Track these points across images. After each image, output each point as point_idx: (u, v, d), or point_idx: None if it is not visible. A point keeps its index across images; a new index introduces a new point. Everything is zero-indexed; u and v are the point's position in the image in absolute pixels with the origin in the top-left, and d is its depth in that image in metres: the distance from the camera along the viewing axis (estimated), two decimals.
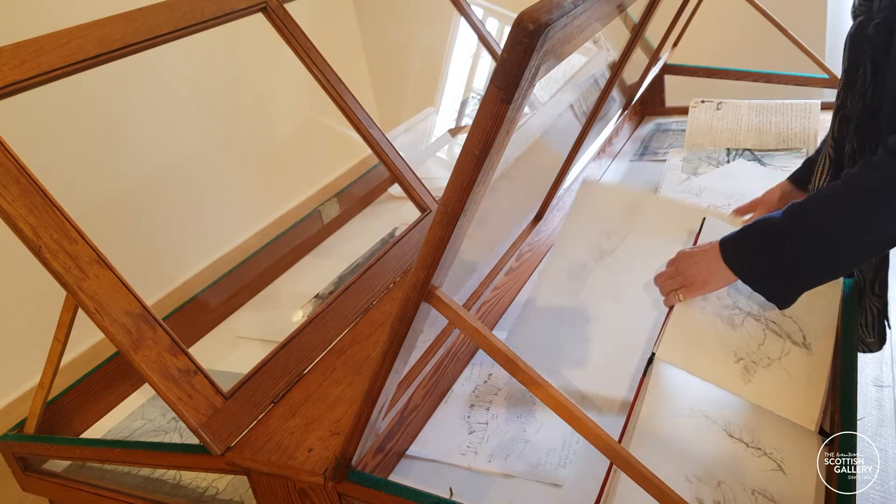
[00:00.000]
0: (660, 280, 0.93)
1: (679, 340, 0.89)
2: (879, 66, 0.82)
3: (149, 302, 0.85)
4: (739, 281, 0.86)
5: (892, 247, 0.82)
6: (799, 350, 0.89)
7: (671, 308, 0.91)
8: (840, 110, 0.90)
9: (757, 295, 0.85)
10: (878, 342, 0.96)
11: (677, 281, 0.90)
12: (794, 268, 0.81)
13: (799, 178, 1.13)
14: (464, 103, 2.20)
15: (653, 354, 0.85)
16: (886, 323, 0.95)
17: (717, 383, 0.85)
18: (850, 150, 0.90)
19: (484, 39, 1.67)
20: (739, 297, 0.94)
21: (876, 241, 0.77)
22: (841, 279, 0.98)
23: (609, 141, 1.71)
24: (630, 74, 1.85)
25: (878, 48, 0.81)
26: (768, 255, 0.82)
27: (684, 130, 1.74)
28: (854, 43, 0.86)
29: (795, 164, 1.53)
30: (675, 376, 0.86)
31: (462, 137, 2.00)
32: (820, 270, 0.81)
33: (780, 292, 0.83)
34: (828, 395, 0.85)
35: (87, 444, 1.06)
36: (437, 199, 1.31)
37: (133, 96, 1.97)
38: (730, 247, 0.85)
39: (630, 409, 0.80)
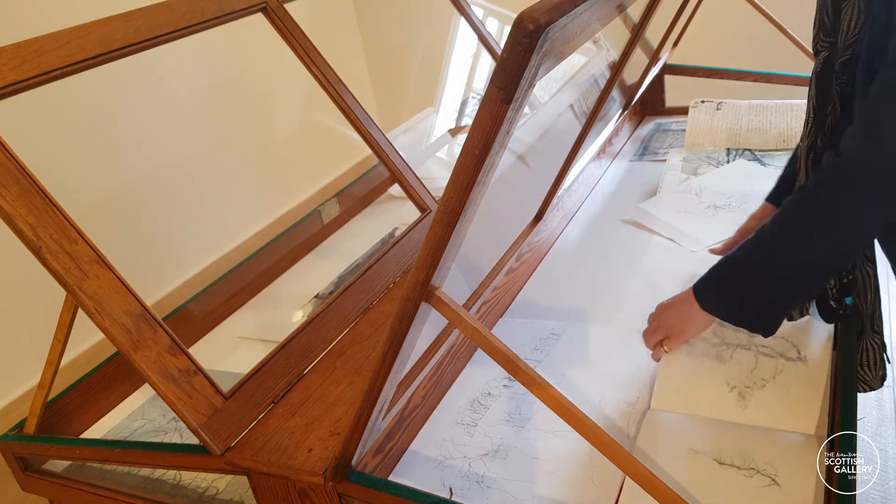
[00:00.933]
0: (645, 335, 0.94)
1: (671, 388, 0.91)
2: (847, 102, 0.80)
3: (149, 302, 0.85)
4: None
5: (869, 242, 0.82)
6: (794, 364, 0.90)
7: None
8: (812, 149, 0.87)
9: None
10: (878, 379, 0.93)
11: (660, 333, 0.91)
12: (770, 298, 0.81)
13: (776, 198, 1.09)
14: (464, 103, 2.20)
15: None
16: (886, 358, 0.92)
17: (713, 416, 0.87)
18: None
19: (484, 39, 1.67)
20: (726, 331, 0.95)
21: (847, 246, 0.76)
22: None
23: (609, 141, 1.71)
24: (630, 74, 1.86)
25: (845, 86, 0.80)
26: (741, 292, 0.82)
27: (684, 130, 1.74)
28: (821, 80, 0.83)
29: None
30: (665, 419, 0.88)
31: (462, 137, 2.00)
32: (798, 292, 0.81)
33: (762, 323, 0.82)
34: (828, 396, 0.85)
35: (87, 444, 1.06)
36: (437, 199, 1.31)
37: (133, 96, 1.97)
38: (702, 293, 0.85)
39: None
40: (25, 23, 1.71)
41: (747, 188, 1.44)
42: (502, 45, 0.51)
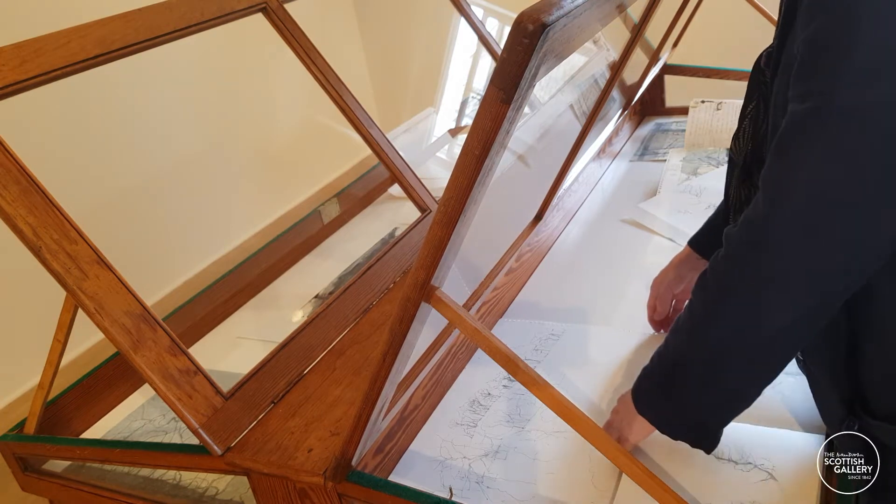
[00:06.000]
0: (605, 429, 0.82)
1: None
2: (769, 103, 0.69)
3: (149, 302, 0.85)
4: None
5: (805, 337, 0.64)
6: (795, 377, 0.90)
7: None
8: (730, 162, 0.78)
9: None
10: None
11: (613, 433, 0.80)
12: (700, 402, 0.69)
13: (697, 242, 0.97)
14: (464, 103, 2.20)
15: None
16: None
17: None
18: (735, 201, 0.77)
19: (484, 39, 1.67)
20: None
21: (773, 337, 0.62)
22: None
23: (609, 141, 1.71)
24: (630, 74, 1.85)
25: (768, 82, 0.69)
26: (669, 393, 0.71)
27: (684, 130, 1.74)
28: (752, 76, 0.74)
29: None
30: None
31: (462, 137, 2.00)
32: (727, 395, 0.68)
33: (697, 434, 0.72)
34: None
35: (87, 445, 1.06)
36: (437, 199, 1.31)
37: (133, 96, 1.97)
38: (637, 392, 0.76)
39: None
40: (25, 23, 1.71)
41: None
42: (502, 45, 0.51)
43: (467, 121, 2.11)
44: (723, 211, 0.91)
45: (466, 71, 2.25)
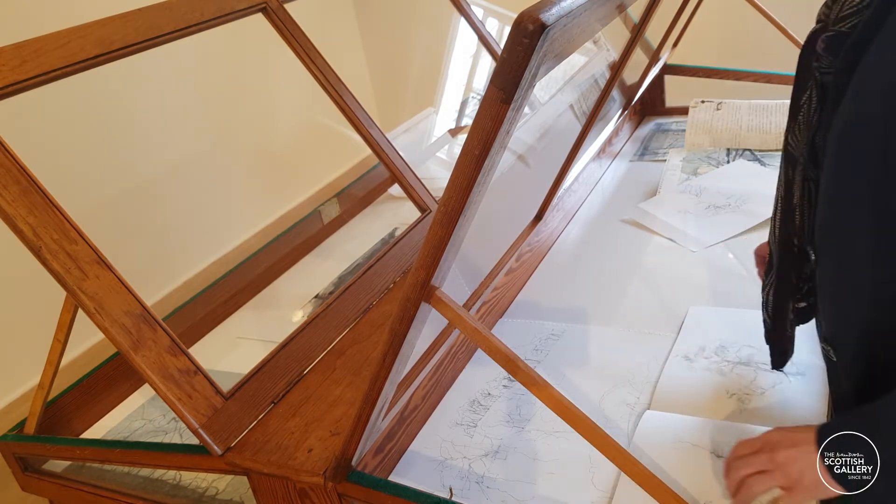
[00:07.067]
0: (743, 471, 0.69)
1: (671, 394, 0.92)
2: (829, 94, 0.64)
3: (149, 302, 0.85)
4: (727, 337, 0.81)
5: None
6: (795, 378, 0.90)
7: None
8: (785, 150, 0.73)
9: (745, 346, 0.84)
10: None
11: (776, 478, 0.67)
12: None
13: None
14: (464, 103, 2.20)
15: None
16: None
17: (712, 417, 0.87)
18: (799, 199, 0.72)
19: (484, 39, 1.67)
20: (727, 352, 0.96)
21: None
22: None
23: (609, 141, 1.71)
24: (630, 74, 1.85)
25: (826, 71, 0.64)
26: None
27: (684, 130, 1.74)
28: (802, 59, 0.67)
29: None
30: (663, 417, 0.88)
31: (462, 137, 2.00)
32: None
33: None
34: (830, 405, 0.85)
35: (87, 445, 1.06)
36: (437, 199, 1.31)
37: (133, 96, 1.97)
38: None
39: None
40: (25, 23, 1.71)
41: (747, 188, 1.43)
42: (502, 45, 0.51)
43: (467, 121, 2.11)
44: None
45: (466, 71, 2.25)
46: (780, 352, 0.88)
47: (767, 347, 0.88)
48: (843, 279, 0.66)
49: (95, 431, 1.18)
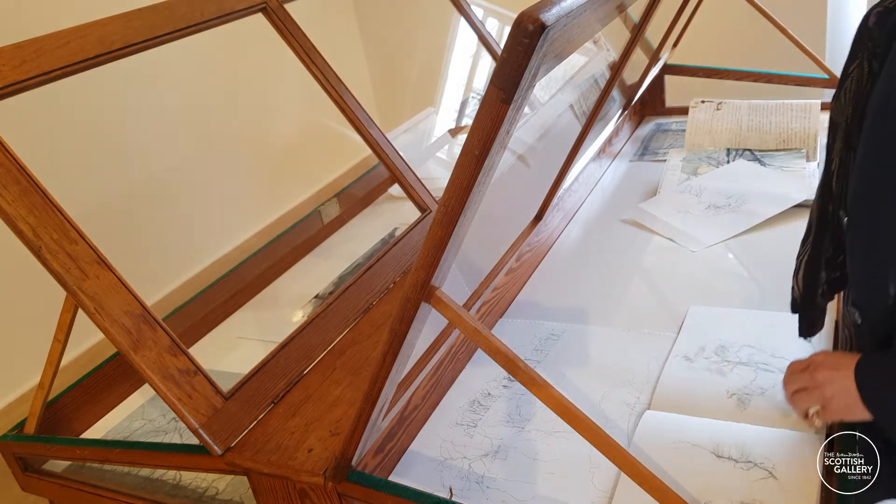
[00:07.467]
0: (791, 387, 0.78)
1: (671, 394, 0.92)
2: (880, 67, 0.67)
3: (149, 302, 0.85)
4: (727, 337, 0.82)
5: None
6: None
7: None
8: (831, 112, 0.75)
9: (745, 346, 0.84)
10: None
11: (814, 397, 0.74)
12: None
13: None
14: (464, 103, 2.20)
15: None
16: None
17: (712, 417, 0.87)
18: (836, 166, 0.74)
19: (484, 39, 1.67)
20: (727, 352, 0.96)
21: None
22: None
23: (609, 141, 1.71)
24: (630, 74, 1.85)
25: (877, 45, 0.66)
26: None
27: (684, 130, 1.74)
28: (858, 34, 0.70)
29: (795, 164, 1.53)
30: (663, 417, 0.88)
31: (462, 137, 2.00)
32: None
33: None
34: None
35: (87, 444, 1.06)
36: (437, 199, 1.31)
37: (133, 96, 1.96)
38: (865, 379, 0.69)
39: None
40: (25, 23, 1.71)
41: (747, 188, 1.44)
42: (502, 45, 0.51)
43: (467, 121, 2.11)
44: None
45: (466, 71, 2.25)
46: (809, 322, 0.87)
47: (769, 345, 0.88)
48: (874, 242, 0.68)
49: (95, 431, 1.18)
